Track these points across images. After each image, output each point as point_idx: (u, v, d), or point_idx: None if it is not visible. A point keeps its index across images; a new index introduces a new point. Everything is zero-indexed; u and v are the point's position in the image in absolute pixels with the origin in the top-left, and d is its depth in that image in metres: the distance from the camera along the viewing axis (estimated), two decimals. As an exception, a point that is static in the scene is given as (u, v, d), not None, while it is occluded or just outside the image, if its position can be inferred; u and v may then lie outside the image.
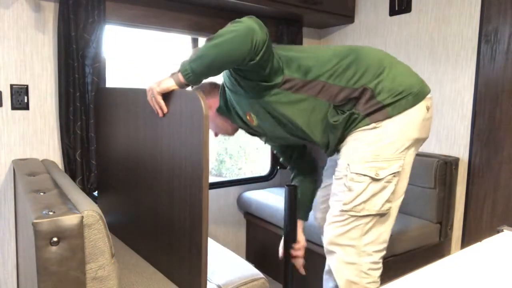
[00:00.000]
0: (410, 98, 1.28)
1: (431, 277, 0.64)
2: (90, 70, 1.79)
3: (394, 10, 2.29)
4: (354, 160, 1.29)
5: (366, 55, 1.32)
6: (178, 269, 1.31)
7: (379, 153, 1.27)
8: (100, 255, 0.99)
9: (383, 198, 1.28)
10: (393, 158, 1.27)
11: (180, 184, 1.24)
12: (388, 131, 1.27)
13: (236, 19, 1.20)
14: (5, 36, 1.69)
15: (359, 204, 1.28)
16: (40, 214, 0.92)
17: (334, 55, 1.32)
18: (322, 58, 1.32)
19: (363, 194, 1.27)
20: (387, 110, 1.27)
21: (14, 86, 1.73)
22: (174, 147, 1.26)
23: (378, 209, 1.28)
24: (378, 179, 1.26)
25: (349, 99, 1.29)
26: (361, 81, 1.28)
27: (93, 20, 1.75)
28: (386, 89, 1.27)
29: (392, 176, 1.28)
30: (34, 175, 1.39)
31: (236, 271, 1.42)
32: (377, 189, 1.27)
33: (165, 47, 3.01)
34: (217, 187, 2.46)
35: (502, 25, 1.87)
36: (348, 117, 1.29)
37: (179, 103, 1.21)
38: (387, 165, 1.27)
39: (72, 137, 1.80)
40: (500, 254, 0.75)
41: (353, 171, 1.28)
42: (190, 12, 2.14)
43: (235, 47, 1.15)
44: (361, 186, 1.27)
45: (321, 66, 1.30)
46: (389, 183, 1.28)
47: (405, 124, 1.28)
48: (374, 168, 1.26)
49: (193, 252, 1.20)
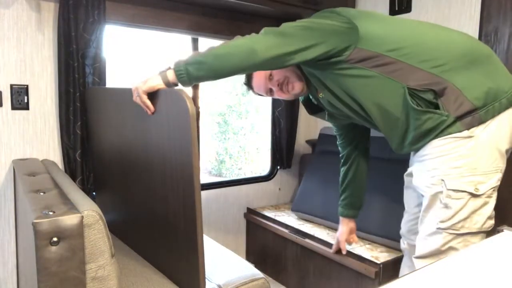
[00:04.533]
0: (504, 101, 1.14)
1: (431, 277, 0.64)
2: (90, 70, 1.79)
3: (394, 10, 2.29)
4: (449, 175, 1.16)
5: (460, 42, 1.19)
6: (176, 269, 1.31)
7: (476, 166, 1.14)
8: (100, 255, 0.99)
9: (484, 215, 1.16)
10: (491, 170, 1.15)
11: (172, 183, 1.23)
12: (483, 140, 1.14)
13: (252, 34, 1.19)
14: (5, 36, 1.69)
15: (458, 223, 1.17)
16: (40, 214, 0.92)
17: (420, 33, 1.20)
18: (400, 33, 1.21)
19: (462, 211, 1.16)
20: (480, 115, 1.13)
21: (14, 86, 1.73)
22: (163, 147, 1.25)
23: (480, 227, 1.17)
24: (478, 195, 1.14)
25: (429, 88, 1.15)
26: (447, 71, 1.14)
27: (93, 20, 1.75)
28: (477, 87, 1.14)
29: (492, 190, 1.16)
30: (34, 175, 1.39)
31: (236, 271, 1.42)
32: (478, 206, 1.15)
33: (167, 48, 3.02)
34: (217, 187, 2.46)
35: (502, 25, 1.87)
36: (433, 116, 1.15)
37: (165, 103, 1.19)
38: (486, 178, 1.15)
39: (72, 137, 1.80)
40: (500, 254, 0.75)
41: (450, 188, 1.16)
42: (190, 12, 2.14)
43: (234, 64, 1.16)
44: (460, 203, 1.16)
45: (399, 41, 1.19)
46: (489, 198, 1.16)
47: (501, 130, 1.15)
48: (473, 183, 1.14)
49: (190, 250, 1.20)
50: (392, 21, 1.29)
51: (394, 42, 1.19)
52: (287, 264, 2.23)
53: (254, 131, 6.15)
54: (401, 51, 1.18)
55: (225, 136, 6.22)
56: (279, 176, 2.74)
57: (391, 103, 1.22)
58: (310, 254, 2.04)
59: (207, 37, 2.28)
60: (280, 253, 2.27)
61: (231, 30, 2.31)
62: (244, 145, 6.16)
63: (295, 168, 2.80)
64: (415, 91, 1.16)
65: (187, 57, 1.18)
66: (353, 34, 1.19)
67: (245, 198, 2.58)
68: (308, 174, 2.44)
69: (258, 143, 6.09)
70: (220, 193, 2.46)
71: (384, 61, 1.18)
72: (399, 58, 1.18)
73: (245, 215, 2.57)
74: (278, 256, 2.29)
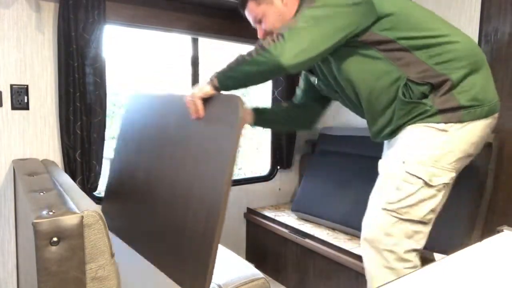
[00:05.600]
0: (486, 108, 1.18)
1: (431, 277, 0.64)
2: (90, 70, 1.79)
3: (394, 10, 2.29)
4: (411, 159, 1.19)
5: (467, 43, 1.20)
6: (183, 270, 1.31)
7: (439, 159, 1.18)
8: (100, 255, 0.99)
9: (429, 207, 1.19)
10: (449, 168, 1.19)
11: (201, 192, 1.26)
12: (455, 138, 1.17)
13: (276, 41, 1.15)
14: (5, 36, 1.69)
15: (404, 207, 1.20)
16: (40, 214, 0.92)
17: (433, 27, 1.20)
18: (415, 20, 1.20)
19: (411, 197, 1.19)
20: (462, 113, 1.16)
21: (14, 86, 1.73)
22: (201, 150, 1.28)
23: (422, 217, 1.20)
24: (431, 185, 1.18)
25: (427, 82, 1.17)
26: (449, 68, 1.16)
27: (93, 20, 1.75)
28: (469, 89, 1.16)
29: (443, 186, 1.19)
30: (34, 175, 1.39)
31: (236, 271, 1.42)
32: (427, 196, 1.19)
33: (166, 48, 3.01)
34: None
35: (502, 25, 1.87)
36: (418, 106, 1.18)
37: (217, 106, 1.25)
38: (442, 173, 1.18)
39: (72, 137, 1.80)
40: (500, 254, 0.75)
41: (408, 171, 1.19)
42: (190, 12, 2.14)
43: (264, 79, 1.26)
44: (412, 188, 1.19)
45: (413, 30, 1.19)
46: (439, 192, 1.19)
47: (471, 136, 1.18)
48: (429, 174, 1.17)
49: (203, 254, 1.20)
50: (408, 4, 1.26)
51: (408, 29, 1.20)
52: (287, 264, 2.23)
53: (254, 131, 6.15)
54: (413, 42, 1.19)
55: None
56: (279, 176, 2.74)
57: (384, 90, 1.23)
58: (310, 254, 2.05)
59: (207, 37, 2.28)
60: (280, 253, 2.27)
61: (231, 30, 2.31)
62: (244, 145, 6.16)
63: (295, 168, 2.80)
64: (413, 83, 1.18)
65: (223, 69, 1.26)
66: (371, 14, 1.18)
67: (245, 198, 2.58)
68: (308, 174, 2.44)
69: (258, 143, 6.09)
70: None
71: (394, 47, 1.20)
72: (409, 48, 1.19)
73: (245, 215, 2.57)
74: (278, 256, 2.30)
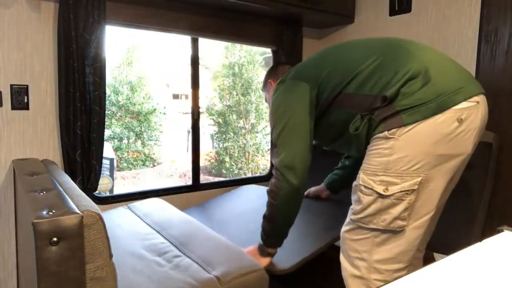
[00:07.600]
0: (433, 105, 1.11)
1: (431, 277, 0.64)
2: (90, 70, 1.79)
3: (394, 10, 2.29)
4: (365, 171, 1.21)
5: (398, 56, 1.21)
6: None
7: (390, 166, 1.15)
8: (99, 255, 0.99)
9: (392, 214, 1.17)
10: (408, 173, 1.14)
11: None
12: (400, 143, 1.13)
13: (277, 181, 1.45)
14: (5, 36, 1.69)
15: (366, 217, 1.21)
16: (40, 214, 0.92)
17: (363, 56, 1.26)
18: (345, 68, 1.28)
19: (370, 208, 1.20)
20: (401, 117, 1.13)
21: (14, 86, 1.73)
22: None
23: (387, 225, 1.18)
24: (385, 196, 1.16)
25: (374, 107, 1.19)
26: (385, 87, 1.18)
27: (93, 20, 1.75)
28: (411, 93, 1.13)
29: (404, 193, 1.14)
30: (34, 175, 1.39)
31: (235, 261, 1.39)
32: (385, 206, 1.17)
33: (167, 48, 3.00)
34: (217, 187, 2.46)
35: (502, 25, 1.87)
36: (367, 123, 1.21)
37: None
38: (400, 180, 1.14)
39: (72, 137, 1.80)
40: (500, 254, 0.75)
41: (362, 183, 1.21)
42: (190, 12, 2.14)
43: (292, 213, 1.43)
44: (369, 199, 1.20)
45: (345, 77, 1.27)
46: (400, 200, 1.15)
47: (423, 137, 1.12)
48: (384, 183, 1.16)
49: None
50: (321, 56, 1.43)
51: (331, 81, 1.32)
52: (287, 264, 2.22)
53: (254, 131, 6.15)
54: (340, 86, 1.29)
55: (225, 136, 6.22)
56: (279, 176, 2.73)
57: (346, 130, 1.31)
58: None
59: (207, 37, 2.28)
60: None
61: (231, 30, 2.31)
62: (244, 145, 6.16)
63: (295, 168, 2.80)
64: (369, 115, 1.21)
65: (264, 238, 1.47)
66: (312, 91, 1.35)
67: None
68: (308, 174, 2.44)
69: (258, 143, 6.09)
70: (220, 193, 2.46)
71: (332, 98, 1.31)
72: (342, 91, 1.28)
73: (245, 215, 2.57)
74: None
